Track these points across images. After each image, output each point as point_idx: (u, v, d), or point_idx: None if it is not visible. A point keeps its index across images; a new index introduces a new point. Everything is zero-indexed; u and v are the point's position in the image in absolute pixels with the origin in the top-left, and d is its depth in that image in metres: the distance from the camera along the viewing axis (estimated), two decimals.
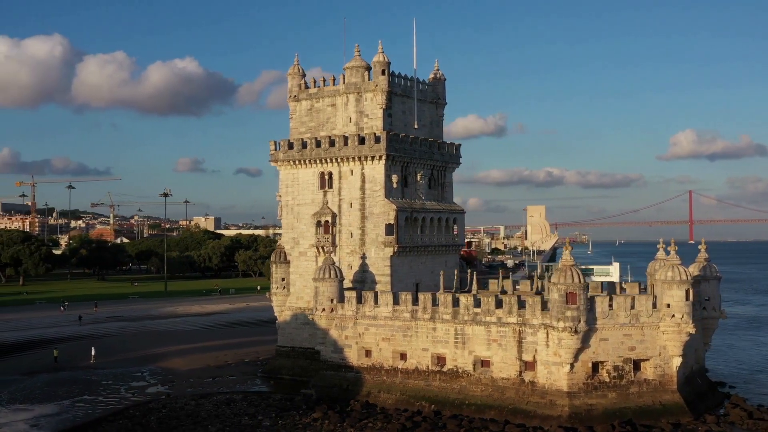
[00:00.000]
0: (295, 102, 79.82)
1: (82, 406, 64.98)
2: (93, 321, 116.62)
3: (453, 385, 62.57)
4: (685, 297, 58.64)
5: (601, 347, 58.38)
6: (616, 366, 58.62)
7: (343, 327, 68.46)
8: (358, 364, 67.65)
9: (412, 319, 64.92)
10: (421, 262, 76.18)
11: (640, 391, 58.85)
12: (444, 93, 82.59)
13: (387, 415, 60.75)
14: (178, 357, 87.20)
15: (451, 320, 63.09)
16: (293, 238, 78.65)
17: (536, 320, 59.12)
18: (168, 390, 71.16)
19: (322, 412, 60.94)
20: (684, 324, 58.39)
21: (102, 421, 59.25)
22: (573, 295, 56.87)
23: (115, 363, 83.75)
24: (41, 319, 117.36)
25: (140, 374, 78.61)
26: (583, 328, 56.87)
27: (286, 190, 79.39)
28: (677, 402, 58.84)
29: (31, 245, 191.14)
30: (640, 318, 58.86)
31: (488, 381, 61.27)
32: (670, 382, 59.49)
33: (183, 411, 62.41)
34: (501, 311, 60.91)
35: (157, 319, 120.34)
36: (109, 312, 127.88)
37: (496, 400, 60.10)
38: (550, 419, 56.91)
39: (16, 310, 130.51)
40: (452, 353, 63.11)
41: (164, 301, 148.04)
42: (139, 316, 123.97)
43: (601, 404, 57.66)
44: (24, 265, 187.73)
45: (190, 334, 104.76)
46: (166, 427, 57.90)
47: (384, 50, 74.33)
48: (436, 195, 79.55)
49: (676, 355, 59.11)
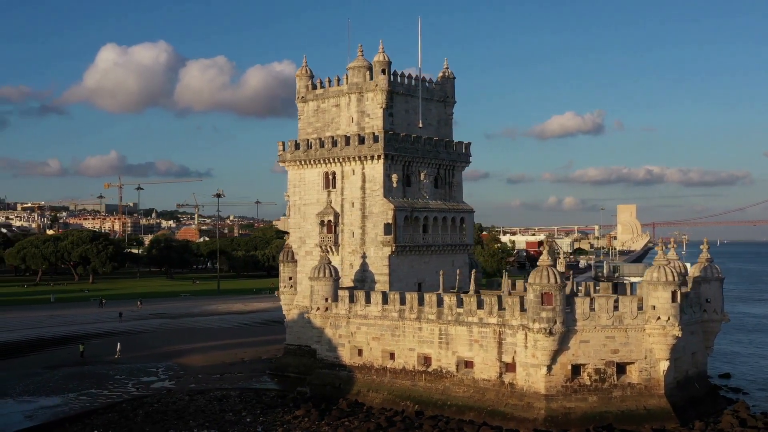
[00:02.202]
0: (303, 103, 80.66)
1: (84, 399, 67.34)
2: (135, 318, 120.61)
3: (437, 386, 62.15)
4: (672, 298, 56.63)
5: (582, 349, 56.91)
6: (598, 369, 57.04)
7: (336, 326, 68.89)
8: (350, 363, 67.93)
9: (400, 319, 64.80)
10: (425, 261, 75.77)
11: (624, 396, 57.11)
12: (453, 91, 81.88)
13: (369, 414, 60.87)
14: (198, 354, 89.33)
15: (436, 320, 62.67)
16: (300, 237, 79.51)
17: (515, 321, 58.11)
18: (172, 385, 73.09)
19: (305, 410, 61.51)
20: (670, 327, 56.38)
21: (92, 414, 61.37)
22: (549, 296, 55.64)
23: (137, 358, 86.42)
24: (85, 315, 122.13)
25: (155, 369, 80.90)
26: (559, 330, 55.57)
27: (293, 190, 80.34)
28: (663, 407, 56.84)
29: (98, 244, 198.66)
30: (623, 320, 57.12)
31: (470, 382, 60.59)
32: (657, 386, 57.52)
33: (174, 406, 64.03)
34: (482, 312, 60.13)
35: (196, 317, 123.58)
36: (153, 309, 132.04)
37: (477, 401, 59.38)
38: (526, 422, 55.85)
39: (66, 306, 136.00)
40: (437, 353, 62.69)
41: (213, 299, 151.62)
42: (180, 313, 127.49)
43: (580, 408, 56.23)
44: (92, 263, 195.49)
45: (221, 332, 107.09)
46: (150, 421, 59.50)
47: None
48: (443, 194, 78.99)
49: (663, 358, 57.14)
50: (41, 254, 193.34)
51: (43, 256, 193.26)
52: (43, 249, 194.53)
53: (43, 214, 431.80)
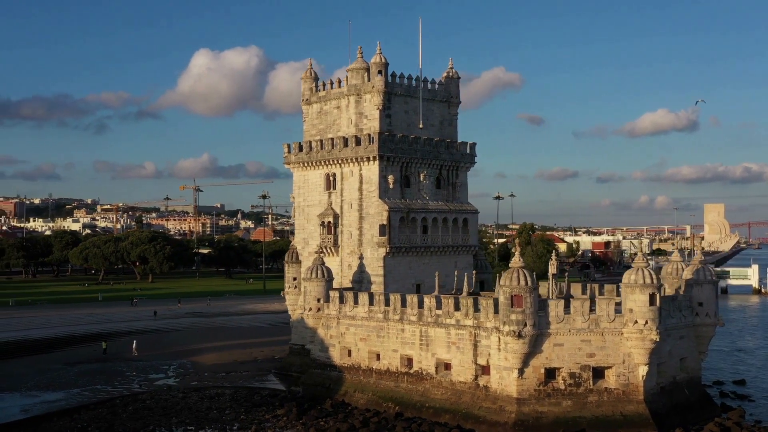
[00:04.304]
0: (307, 105, 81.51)
1: (86, 394, 69.61)
2: (170, 316, 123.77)
3: (418, 387, 61.96)
4: (650, 302, 55.02)
5: (556, 353, 55.84)
6: (573, 373, 55.86)
7: (328, 326, 69.40)
8: (340, 364, 68.33)
9: (385, 320, 64.83)
10: (423, 262, 75.55)
11: (600, 401, 55.77)
12: (458, 92, 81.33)
13: (347, 414, 61.18)
14: (215, 352, 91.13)
15: (417, 322, 62.47)
16: (303, 238, 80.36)
17: (489, 323, 57.45)
18: (174, 383, 74.89)
19: (287, 409, 62.22)
20: (647, 330, 54.81)
21: (82, 409, 63.51)
22: (519, 298, 54.80)
23: (153, 356, 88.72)
24: (122, 314, 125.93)
25: (166, 367, 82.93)
26: (529, 333, 54.65)
27: (298, 191, 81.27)
28: (641, 413, 55.28)
29: (156, 245, 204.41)
30: (600, 323, 55.80)
31: (448, 384, 60.19)
32: (636, 392, 55.98)
33: (164, 403, 65.60)
34: (459, 314, 59.66)
35: (230, 316, 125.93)
36: (191, 308, 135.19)
37: (453, 404, 58.95)
38: (497, 425, 55.19)
39: (109, 305, 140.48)
40: (418, 355, 62.50)
41: (255, 298, 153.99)
42: (215, 312, 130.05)
43: (552, 412, 55.18)
44: (150, 263, 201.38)
45: (248, 330, 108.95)
46: (136, 417, 61.22)
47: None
48: (445, 195, 78.58)
49: (641, 363, 55.60)
50: (102, 254, 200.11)
51: (104, 256, 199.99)
52: (104, 249, 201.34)
53: (133, 215, 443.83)
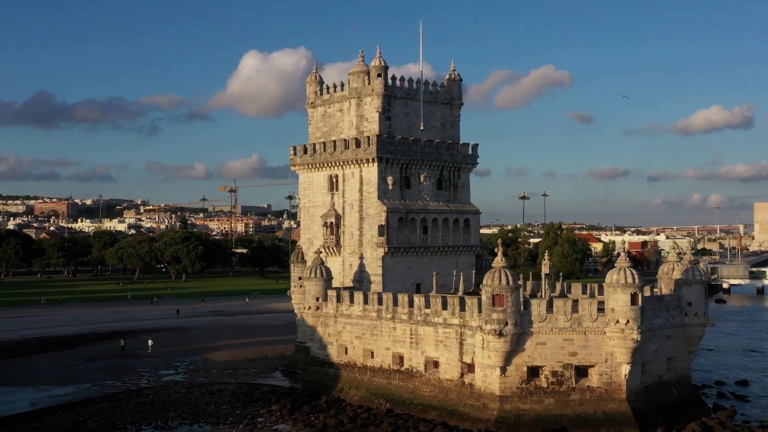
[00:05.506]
0: (312, 108, 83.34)
1: (95, 389, 72.29)
2: (191, 315, 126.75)
3: (408, 385, 63.27)
4: (631, 301, 55.55)
5: (538, 351, 56.67)
6: (555, 371, 56.63)
7: (326, 325, 71.05)
8: (337, 361, 69.93)
9: (378, 319, 66.25)
10: (423, 262, 76.76)
11: (583, 399, 56.46)
12: (460, 93, 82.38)
13: (339, 410, 62.70)
14: (228, 349, 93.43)
15: (407, 320, 63.78)
16: (309, 238, 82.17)
17: (474, 322, 58.50)
18: (182, 379, 77.26)
19: (281, 405, 63.98)
20: (629, 330, 55.35)
21: (87, 403, 66.06)
22: (500, 297, 55.75)
23: (168, 353, 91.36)
24: (145, 312, 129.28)
25: (178, 364, 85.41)
26: (510, 332, 55.58)
27: (303, 193, 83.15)
28: (624, 412, 55.83)
29: (189, 245, 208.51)
30: (582, 322, 56.49)
31: (436, 382, 61.39)
32: (618, 390, 56.54)
33: (167, 398, 67.78)
34: (446, 313, 60.82)
35: (251, 315, 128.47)
36: (214, 307, 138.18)
37: (440, 401, 60.13)
38: (479, 422, 56.21)
39: (134, 303, 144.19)
40: (408, 353, 63.81)
41: (280, 297, 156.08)
42: (237, 311, 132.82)
43: (534, 410, 56.03)
44: (182, 263, 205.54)
45: (265, 329, 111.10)
46: (137, 411, 63.52)
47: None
48: (447, 196, 79.71)
49: (624, 362, 56.15)
50: (136, 254, 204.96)
51: (138, 256, 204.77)
52: (138, 249, 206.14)
53: (180, 216, 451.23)
